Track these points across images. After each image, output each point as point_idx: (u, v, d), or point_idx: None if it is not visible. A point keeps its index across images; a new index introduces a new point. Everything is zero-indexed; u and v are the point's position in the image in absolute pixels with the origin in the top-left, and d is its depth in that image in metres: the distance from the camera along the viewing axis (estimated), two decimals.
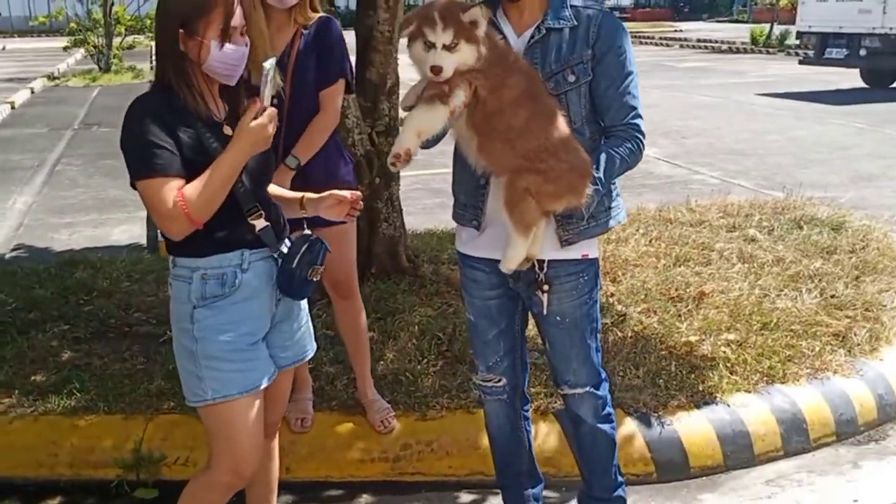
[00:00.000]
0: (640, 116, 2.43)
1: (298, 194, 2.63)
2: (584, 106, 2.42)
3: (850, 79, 16.93)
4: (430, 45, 2.20)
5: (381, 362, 3.91)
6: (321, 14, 3.16)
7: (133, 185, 2.22)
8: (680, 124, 11.88)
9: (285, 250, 2.37)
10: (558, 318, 2.57)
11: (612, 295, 4.59)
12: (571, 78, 2.38)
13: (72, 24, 21.98)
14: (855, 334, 4.16)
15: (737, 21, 45.97)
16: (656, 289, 4.66)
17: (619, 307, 4.44)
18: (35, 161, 10.24)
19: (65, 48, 23.25)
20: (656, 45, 32.00)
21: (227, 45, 2.22)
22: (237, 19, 2.23)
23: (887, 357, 4.06)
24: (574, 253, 2.51)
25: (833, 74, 17.59)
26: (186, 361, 2.32)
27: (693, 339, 4.10)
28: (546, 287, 2.51)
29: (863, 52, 15.73)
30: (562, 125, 2.32)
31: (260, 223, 2.31)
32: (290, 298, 2.41)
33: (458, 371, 3.82)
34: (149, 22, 21.65)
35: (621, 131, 2.41)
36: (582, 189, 2.31)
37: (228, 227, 2.27)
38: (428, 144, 2.39)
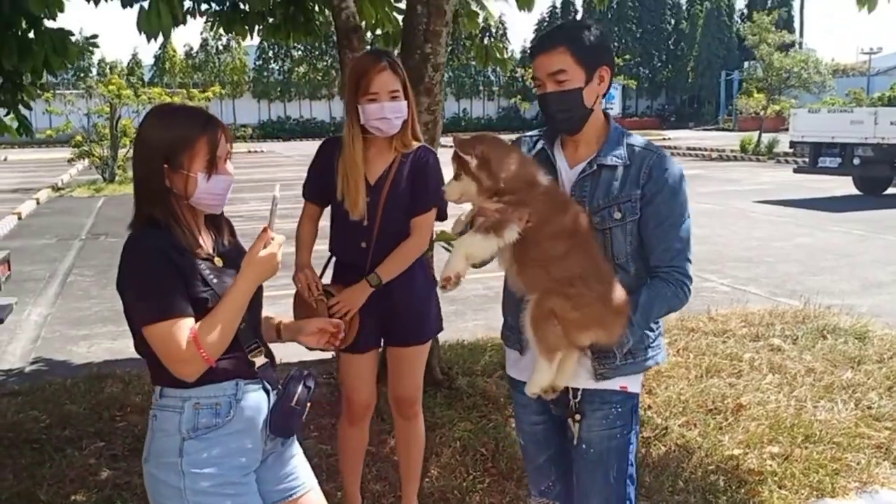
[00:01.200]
0: (687, 260, 2.39)
1: (277, 319, 2.53)
2: (630, 243, 2.40)
3: (844, 186, 17.30)
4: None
5: (426, 479, 3.87)
6: (421, 143, 3.30)
7: (138, 330, 2.10)
8: None
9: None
10: (584, 446, 2.49)
11: (650, 407, 4.59)
12: (617, 215, 2.38)
13: (78, 137, 22.40)
14: None
15: (722, 129, 47.14)
16: (693, 401, 4.67)
17: (658, 420, 4.43)
18: (46, 272, 10.29)
19: (69, 160, 23.67)
20: None
21: (215, 176, 2.16)
22: (222, 149, 2.18)
23: None
24: (609, 384, 2.45)
25: (826, 182, 17.97)
26: (169, 500, 2.14)
27: (737, 452, 4.09)
28: (578, 417, 2.47)
29: (856, 161, 16.13)
30: (600, 260, 2.33)
31: (260, 360, 2.24)
32: (279, 436, 2.29)
33: (506, 489, 3.79)
34: None
35: (665, 273, 2.37)
36: (611, 324, 2.30)
37: (225, 357, 2.15)
38: (477, 265, 2.43)
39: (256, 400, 2.22)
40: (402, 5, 6.56)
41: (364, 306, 3.18)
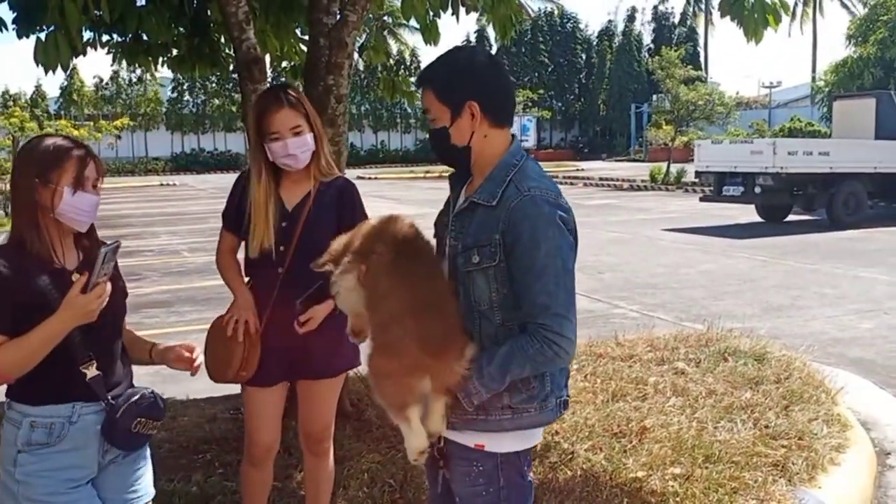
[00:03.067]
0: (557, 316, 2.14)
1: (150, 342, 2.73)
2: (495, 290, 2.22)
3: (748, 214, 17.95)
4: None
5: None
6: (339, 174, 3.36)
7: None
8: (594, 259, 12.30)
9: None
10: (458, 498, 2.41)
11: (557, 433, 4.64)
12: (475, 259, 2.23)
13: None
14: (793, 464, 4.29)
15: (633, 160, 48.43)
16: (599, 425, 4.74)
17: (565, 445, 4.48)
18: None
19: None
20: (561, 183, 33.18)
21: (80, 193, 2.38)
22: (90, 171, 2.42)
23: (825, 485, 4.19)
24: (465, 438, 2.32)
25: (731, 210, 18.63)
26: (8, 501, 2.38)
27: (640, 474, 4.16)
28: (441, 462, 2.37)
29: (757, 190, 16.77)
30: (430, 297, 2.22)
31: (91, 372, 2.38)
32: (117, 448, 2.46)
33: None
34: None
35: (531, 329, 2.15)
36: (436, 369, 2.17)
37: (63, 377, 2.36)
38: None
39: (91, 421, 2.41)
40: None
41: (271, 338, 3.17)
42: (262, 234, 3.12)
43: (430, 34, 6.40)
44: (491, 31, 56.83)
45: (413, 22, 5.97)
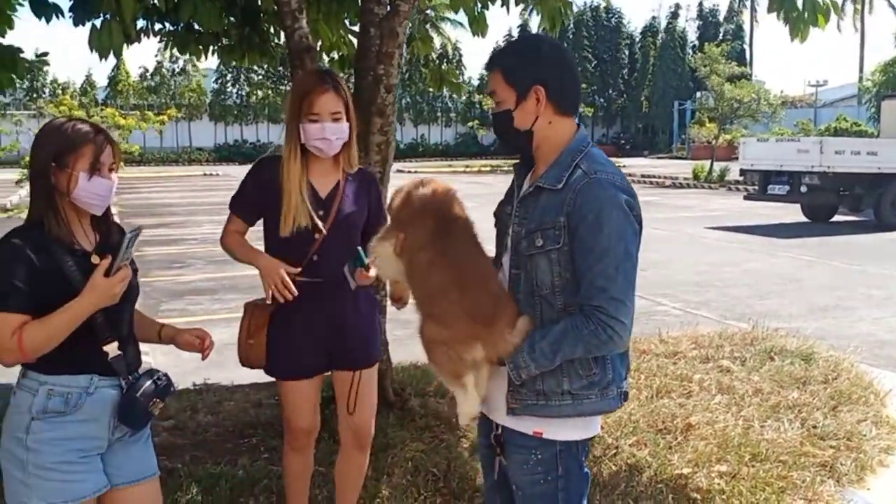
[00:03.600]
0: (613, 300, 2.13)
1: (159, 323, 2.81)
2: (558, 274, 2.22)
3: (792, 213, 17.69)
4: None
5: (377, 500, 3.85)
6: (360, 166, 3.33)
7: None
8: (639, 256, 12.18)
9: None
10: (514, 486, 2.40)
11: (601, 427, 4.60)
12: (539, 242, 2.22)
13: (26, 158, 21.97)
14: (841, 464, 4.24)
15: (676, 157, 47.95)
16: (643, 420, 4.71)
17: (609, 439, 4.46)
18: None
19: (17, 181, 23.25)
20: None
21: (95, 177, 2.42)
22: (106, 156, 2.45)
23: (874, 486, 4.13)
24: (523, 426, 2.31)
25: (775, 209, 18.37)
26: (15, 469, 2.41)
27: (686, 470, 4.13)
28: (499, 451, 2.39)
29: (803, 189, 16.52)
30: (473, 272, 2.26)
31: (112, 351, 2.45)
32: (127, 427, 2.52)
33: None
34: None
35: (587, 311, 2.15)
36: (489, 338, 2.20)
37: (83, 350, 2.40)
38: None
39: (107, 395, 2.46)
40: (357, 28, 6.63)
41: (304, 329, 3.16)
42: (298, 210, 3.06)
43: (479, 26, 6.39)
44: (533, 25, 56.39)
45: (454, 15, 5.97)
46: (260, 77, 52.13)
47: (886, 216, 16.47)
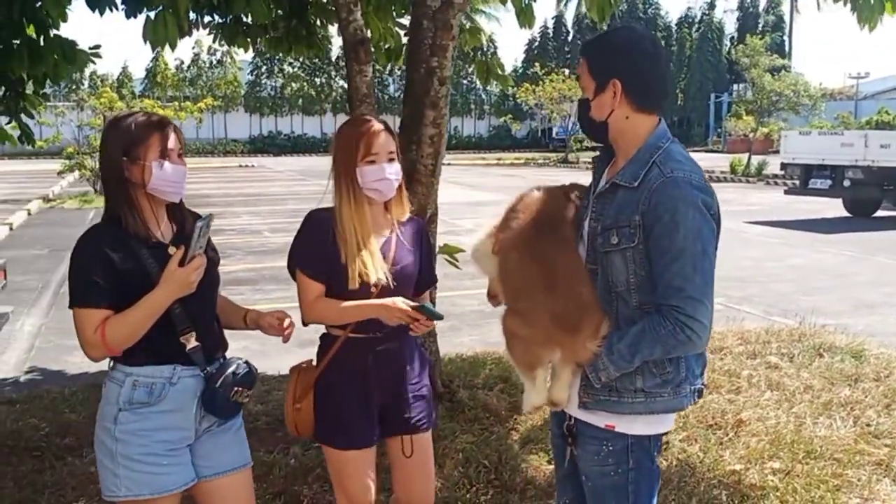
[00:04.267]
0: (691, 299, 2.11)
1: (244, 308, 2.82)
2: (633, 272, 2.21)
3: (834, 208, 17.43)
4: None
5: None
6: (411, 214, 3.06)
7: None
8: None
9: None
10: (584, 477, 2.40)
11: None
12: (614, 240, 2.22)
13: (69, 149, 22.30)
14: None
15: (712, 151, 47.44)
16: (693, 416, 4.69)
17: None
18: (39, 282, 10.27)
19: (59, 172, 23.58)
20: None
21: (167, 164, 2.46)
22: (172, 143, 2.49)
23: None
24: (595, 419, 2.31)
25: (816, 203, 18.09)
26: (105, 458, 2.46)
27: (738, 467, 4.11)
28: (570, 441, 2.38)
29: (846, 183, 16.26)
30: (562, 272, 2.24)
31: (190, 343, 2.49)
32: (214, 416, 2.55)
33: (511, 501, 3.79)
34: None
35: (665, 311, 2.14)
36: (568, 344, 2.20)
37: (164, 342, 2.45)
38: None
39: (191, 384, 2.50)
40: (404, 21, 6.64)
41: (362, 391, 2.84)
42: (368, 262, 2.75)
43: (526, 17, 6.37)
44: (569, 17, 55.89)
45: (489, 8, 5.93)
46: (295, 69, 52.43)
47: None
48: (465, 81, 49.80)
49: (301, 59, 48.61)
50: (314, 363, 2.91)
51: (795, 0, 55.21)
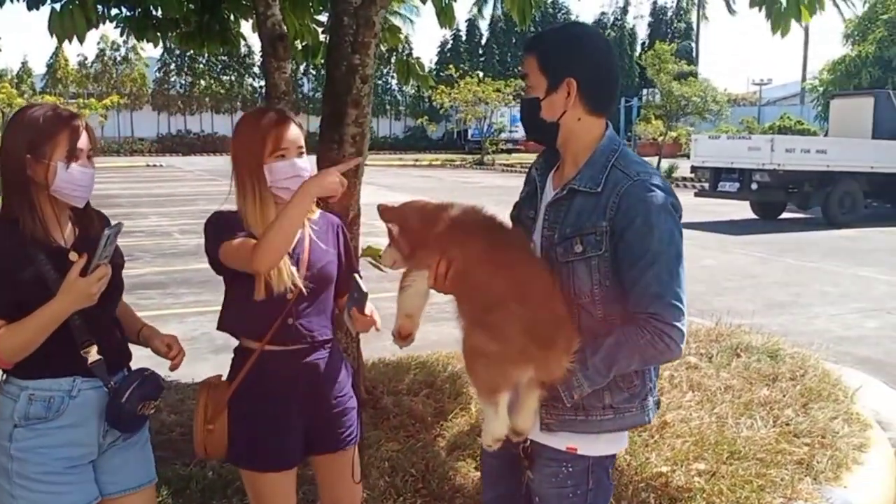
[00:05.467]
0: (669, 306, 2.02)
1: (141, 322, 2.64)
2: (598, 282, 2.10)
3: (742, 210, 17.96)
4: None
5: None
6: (325, 211, 2.83)
7: None
8: None
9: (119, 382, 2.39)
10: (537, 499, 2.31)
11: None
12: (578, 248, 2.10)
13: None
14: (817, 462, 4.24)
15: None
16: None
17: None
18: None
19: None
20: None
21: (74, 166, 2.29)
22: (83, 142, 2.32)
23: (851, 483, 4.14)
24: (556, 441, 2.21)
25: (725, 206, 18.60)
26: (1, 478, 2.29)
27: (665, 469, 4.10)
28: (526, 464, 2.28)
29: (754, 186, 16.77)
30: (535, 286, 2.10)
31: (92, 356, 2.32)
32: (119, 431, 2.41)
33: None
34: None
35: (642, 320, 2.04)
36: (543, 360, 2.06)
37: (62, 354, 2.29)
38: None
39: (92, 397, 2.34)
40: (322, 18, 6.48)
41: (283, 406, 2.63)
42: (283, 272, 2.52)
43: (446, 18, 6.29)
44: (483, 22, 56.29)
45: (404, 10, 5.84)
46: (203, 66, 51.34)
47: (835, 214, 16.83)
48: (380, 82, 49.60)
49: (208, 57, 47.63)
50: (223, 378, 2.68)
51: (703, 7, 56.93)
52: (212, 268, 2.64)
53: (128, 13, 6.25)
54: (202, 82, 51.75)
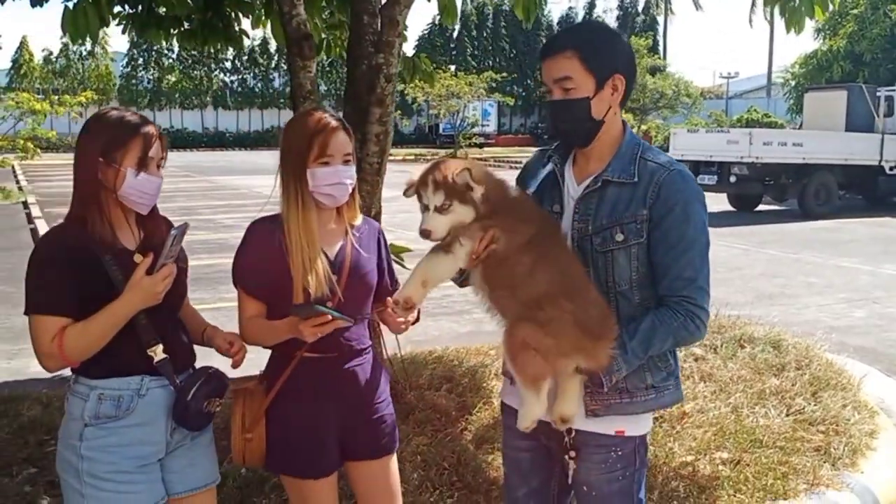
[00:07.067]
0: (701, 290, 2.17)
1: (203, 324, 2.66)
2: (636, 269, 2.21)
3: (719, 203, 18.19)
4: (425, 207, 2.18)
5: None
6: (364, 216, 2.84)
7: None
8: None
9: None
10: (585, 488, 2.37)
11: None
12: (619, 237, 2.19)
13: None
14: (834, 448, 4.37)
15: None
16: None
17: None
18: None
19: None
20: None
21: (143, 174, 2.34)
22: (154, 151, 2.37)
23: (867, 469, 4.28)
24: (604, 426, 2.29)
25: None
26: (70, 478, 2.33)
27: (689, 458, 4.20)
28: (572, 453, 2.32)
29: (732, 179, 17.01)
30: (575, 277, 2.17)
31: (158, 355, 2.37)
32: (185, 429, 2.44)
33: (478, 502, 3.76)
34: (22, 142, 20.99)
35: (674, 303, 2.17)
36: (593, 350, 2.13)
37: (129, 354, 2.33)
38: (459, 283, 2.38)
39: (160, 395, 2.38)
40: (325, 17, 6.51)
41: (321, 414, 2.63)
42: (320, 271, 2.52)
43: (449, 14, 6.35)
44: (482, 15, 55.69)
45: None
46: (171, 61, 50.83)
47: (811, 205, 17.16)
48: (339, 77, 49.43)
49: (178, 52, 47.23)
50: (257, 379, 2.68)
51: (669, 2, 57.32)
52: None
53: (131, 10, 6.22)
54: (170, 77, 51.21)
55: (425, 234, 2.16)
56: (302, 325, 2.37)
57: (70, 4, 4.93)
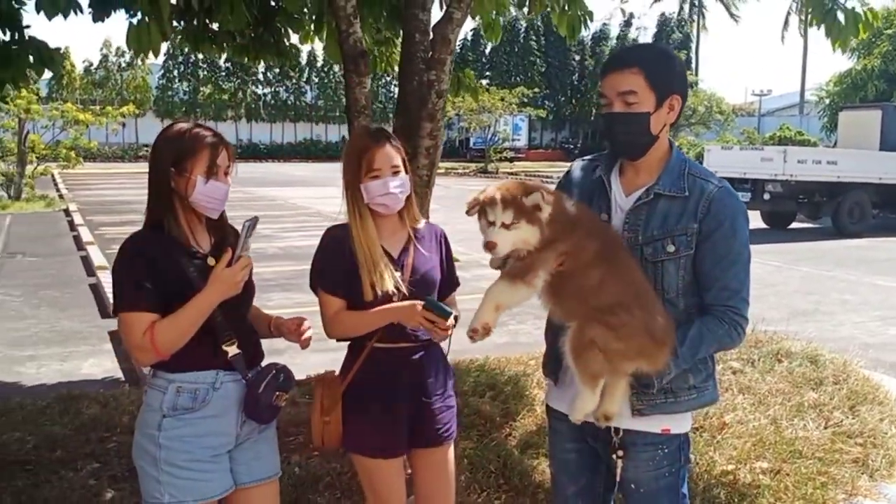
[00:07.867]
0: (744, 301, 2.34)
1: (269, 318, 2.84)
2: (683, 278, 2.34)
3: (753, 220, 17.98)
4: (490, 223, 2.28)
5: None
6: (427, 220, 3.14)
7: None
8: None
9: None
10: (633, 486, 2.49)
11: None
12: (671, 248, 2.32)
13: None
14: (872, 460, 4.46)
15: None
16: None
17: None
18: None
19: None
20: (554, 182, 33.42)
21: (212, 181, 2.51)
22: (222, 160, 2.54)
23: None
24: (651, 425, 2.42)
25: None
26: (147, 465, 2.48)
27: (730, 467, 4.30)
28: (620, 452, 2.45)
29: (766, 196, 16.98)
30: (640, 286, 2.29)
31: (232, 350, 2.54)
32: (255, 421, 2.59)
33: None
34: (63, 151, 21.44)
35: (720, 312, 2.32)
36: (655, 355, 2.26)
37: (206, 349, 2.50)
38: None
39: (232, 389, 2.54)
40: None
41: (390, 401, 2.85)
42: (380, 273, 2.78)
43: (493, 32, 6.53)
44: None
45: None
46: (206, 73, 51.55)
47: (844, 224, 17.09)
48: (384, 90, 49.81)
49: (210, 62, 47.92)
50: (336, 373, 2.91)
51: (702, 17, 57.20)
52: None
53: (186, 25, 6.44)
54: (204, 90, 51.94)
55: (490, 246, 2.27)
56: (422, 311, 2.66)
57: (134, 21, 5.14)
